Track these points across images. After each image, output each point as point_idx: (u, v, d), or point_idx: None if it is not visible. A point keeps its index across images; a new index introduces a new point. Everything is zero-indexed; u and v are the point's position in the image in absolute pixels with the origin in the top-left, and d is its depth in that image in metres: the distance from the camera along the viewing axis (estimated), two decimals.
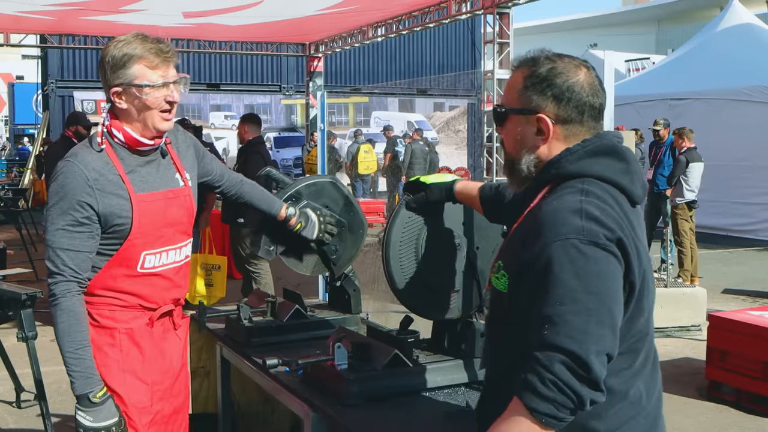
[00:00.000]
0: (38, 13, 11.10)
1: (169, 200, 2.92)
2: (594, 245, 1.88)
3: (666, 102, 17.07)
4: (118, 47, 2.76)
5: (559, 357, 1.82)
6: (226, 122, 24.08)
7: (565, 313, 1.84)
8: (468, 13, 12.18)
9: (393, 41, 24.59)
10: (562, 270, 1.87)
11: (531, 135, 2.11)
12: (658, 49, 36.19)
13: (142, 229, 2.82)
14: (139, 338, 2.91)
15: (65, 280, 2.72)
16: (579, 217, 1.91)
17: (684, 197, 11.31)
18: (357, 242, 3.79)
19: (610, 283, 1.89)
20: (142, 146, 2.85)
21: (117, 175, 2.79)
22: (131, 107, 2.79)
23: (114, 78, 2.76)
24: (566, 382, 1.81)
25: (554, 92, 2.07)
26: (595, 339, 1.83)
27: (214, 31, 14.65)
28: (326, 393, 2.84)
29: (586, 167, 2.04)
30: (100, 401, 2.71)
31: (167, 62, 2.79)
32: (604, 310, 1.85)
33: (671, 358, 7.69)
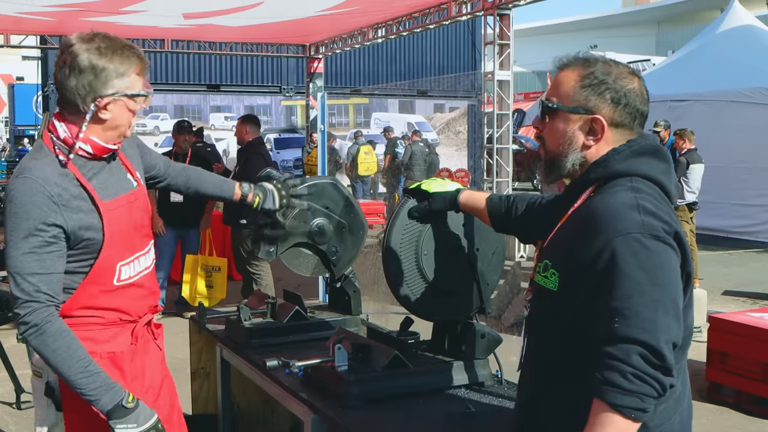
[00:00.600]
0: (38, 14, 11.11)
1: (131, 204, 2.74)
2: (655, 238, 1.94)
3: (666, 104, 17.05)
4: (105, 55, 2.55)
5: (636, 348, 1.85)
6: (227, 123, 24.06)
7: (635, 306, 1.88)
8: (468, 15, 12.19)
9: (393, 42, 24.57)
10: (627, 264, 1.91)
11: (582, 134, 2.15)
12: (658, 51, 36.23)
13: (114, 239, 2.62)
14: (121, 361, 2.72)
15: (43, 306, 2.47)
16: (637, 212, 1.97)
17: (684, 199, 11.31)
18: (357, 243, 3.78)
19: (673, 274, 1.95)
20: (108, 152, 2.67)
21: (79, 186, 2.57)
22: (116, 117, 2.60)
23: (105, 87, 2.55)
24: (647, 372, 1.84)
25: (612, 96, 2.12)
26: (664, 328, 1.87)
27: (215, 32, 14.65)
28: (326, 394, 2.84)
29: (633, 166, 2.09)
30: (134, 404, 2.55)
31: (146, 69, 2.67)
32: (669, 300, 1.90)
33: None
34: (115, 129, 2.63)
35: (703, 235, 14.52)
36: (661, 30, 43.16)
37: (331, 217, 3.68)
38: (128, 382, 2.69)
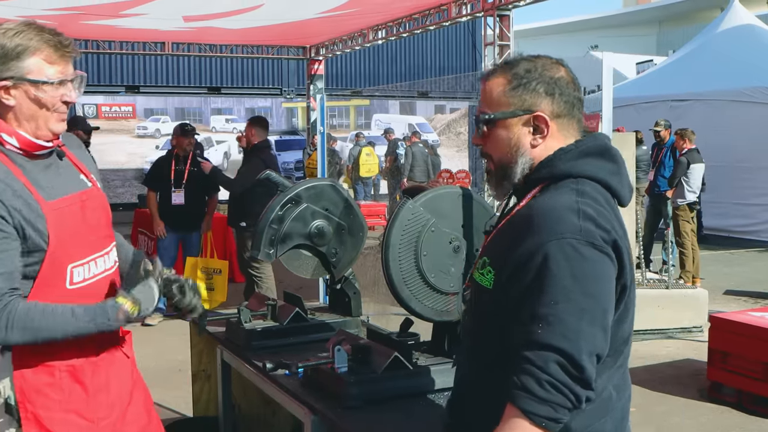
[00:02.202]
0: (38, 17, 11.09)
1: (84, 203, 2.58)
2: (591, 246, 1.88)
3: (667, 103, 17.06)
4: (8, 36, 2.39)
5: (554, 357, 1.81)
6: (227, 125, 24.08)
7: (560, 312, 1.83)
8: (468, 16, 12.19)
9: (393, 44, 24.60)
10: (558, 269, 1.86)
11: (527, 136, 2.08)
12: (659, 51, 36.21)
13: (62, 240, 2.45)
14: (81, 375, 2.56)
15: (3, 305, 2.35)
16: (576, 217, 1.90)
17: (685, 198, 11.31)
18: (357, 245, 3.79)
19: (605, 284, 1.89)
20: (40, 149, 2.49)
21: (20, 183, 2.41)
22: (22, 105, 2.43)
23: (3, 70, 2.39)
24: (563, 382, 1.80)
25: (545, 88, 2.05)
26: (587, 338, 1.83)
27: (215, 35, 14.67)
28: (326, 396, 2.84)
29: (579, 167, 2.03)
30: (137, 313, 2.48)
31: (66, 58, 2.47)
32: (597, 310, 1.86)
33: (672, 359, 7.68)
34: (29, 121, 2.46)
35: (704, 235, 14.54)
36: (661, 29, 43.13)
37: (330, 218, 3.68)
38: (90, 396, 2.58)
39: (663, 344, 8.24)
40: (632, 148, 9.64)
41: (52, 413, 2.51)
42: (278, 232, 3.58)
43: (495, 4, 11.14)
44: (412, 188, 3.17)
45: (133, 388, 2.78)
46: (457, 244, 3.03)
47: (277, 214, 3.58)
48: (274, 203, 3.61)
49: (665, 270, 10.10)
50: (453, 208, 3.05)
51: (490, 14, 11.34)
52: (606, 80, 5.58)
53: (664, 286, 8.91)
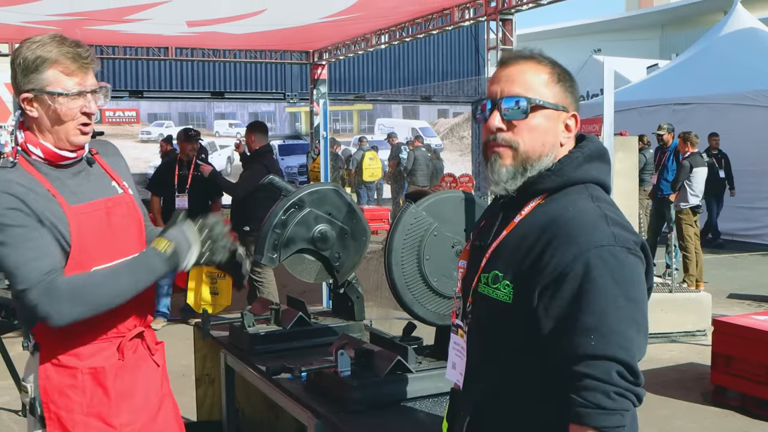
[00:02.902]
0: (43, 23, 11.14)
1: (110, 209, 2.60)
2: (627, 251, 1.88)
3: (670, 107, 17.07)
4: (31, 48, 2.45)
5: (615, 366, 1.79)
6: (231, 130, 24.10)
7: (613, 322, 1.81)
8: (471, 20, 12.20)
9: (396, 48, 24.62)
10: (602, 278, 1.83)
11: (559, 133, 2.04)
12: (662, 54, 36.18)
13: (84, 243, 2.48)
14: (103, 378, 2.57)
15: (44, 281, 2.37)
16: (606, 223, 1.90)
17: (688, 202, 11.30)
18: (360, 249, 3.80)
19: (643, 288, 1.91)
20: (63, 160, 2.54)
21: (45, 189, 2.46)
22: (43, 116, 2.48)
23: (25, 82, 2.45)
24: (628, 389, 1.80)
25: (574, 89, 2.07)
26: (639, 345, 1.84)
27: (218, 40, 14.69)
28: (330, 400, 2.85)
29: (587, 173, 2.02)
30: (171, 248, 2.52)
31: (85, 69, 2.50)
32: (642, 317, 1.86)
33: (676, 363, 7.68)
34: (51, 132, 2.51)
35: (707, 238, 14.52)
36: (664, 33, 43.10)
37: (333, 223, 3.69)
38: (112, 400, 2.58)
39: (666, 348, 8.23)
40: (635, 152, 9.63)
41: (73, 415, 2.54)
42: (281, 237, 3.59)
43: (498, 8, 11.15)
44: (414, 192, 3.18)
45: (163, 397, 2.78)
46: (460, 248, 3.04)
47: (281, 219, 3.59)
48: (277, 208, 3.61)
49: (669, 274, 10.09)
50: (456, 213, 3.06)
51: (492, 18, 11.36)
52: (607, 84, 5.58)
53: (668, 289, 8.91)
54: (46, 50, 2.45)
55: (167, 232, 2.60)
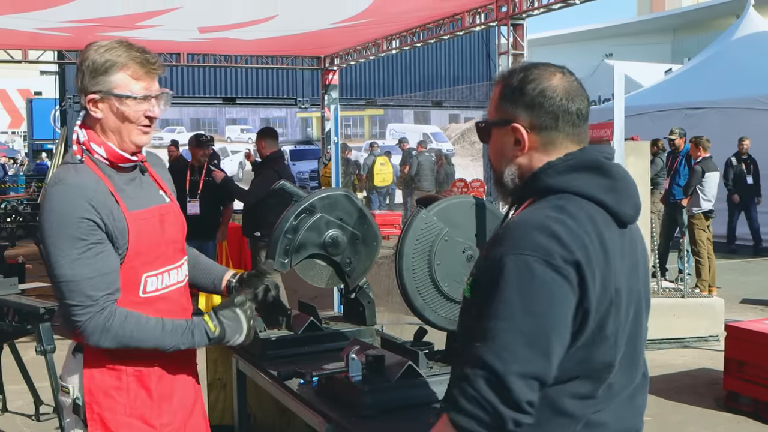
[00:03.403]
0: (56, 29, 11.21)
1: (163, 216, 2.70)
2: (546, 264, 1.83)
3: (682, 111, 17.03)
4: (99, 52, 2.54)
5: (482, 373, 1.80)
6: (242, 136, 24.16)
7: (499, 330, 1.82)
8: (482, 25, 12.20)
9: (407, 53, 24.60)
10: (507, 285, 1.84)
11: (510, 146, 2.06)
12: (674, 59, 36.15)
13: (140, 249, 2.57)
14: (147, 380, 2.63)
15: (99, 309, 2.45)
16: (541, 233, 1.86)
17: (700, 207, 11.27)
18: (371, 254, 3.80)
19: (554, 307, 1.84)
20: (125, 161, 2.62)
21: (109, 193, 2.54)
22: (108, 117, 2.57)
23: (93, 84, 2.54)
24: (487, 400, 1.79)
25: (525, 100, 2.02)
26: (521, 360, 1.80)
27: (230, 46, 14.72)
28: (341, 405, 2.86)
29: (567, 182, 1.98)
30: (220, 329, 2.60)
31: (152, 74, 2.59)
32: (538, 334, 1.82)
33: (689, 368, 7.65)
34: (114, 133, 2.59)
35: (720, 243, 14.46)
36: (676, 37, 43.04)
37: (344, 228, 3.70)
38: (154, 402, 2.64)
39: (679, 353, 8.21)
40: (647, 156, 9.60)
41: (117, 416, 2.58)
42: (293, 242, 3.60)
43: (509, 13, 11.15)
44: (425, 198, 3.18)
45: (195, 398, 2.84)
46: (471, 253, 3.05)
47: (292, 224, 3.60)
48: (288, 213, 3.63)
49: (681, 279, 10.05)
50: (466, 218, 3.06)
51: (503, 23, 11.36)
52: (618, 89, 5.58)
53: (680, 295, 8.88)
54: (115, 54, 2.53)
55: (223, 312, 2.66)
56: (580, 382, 1.93)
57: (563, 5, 10.50)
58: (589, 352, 1.92)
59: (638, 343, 2.07)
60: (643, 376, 2.15)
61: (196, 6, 10.54)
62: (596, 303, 1.88)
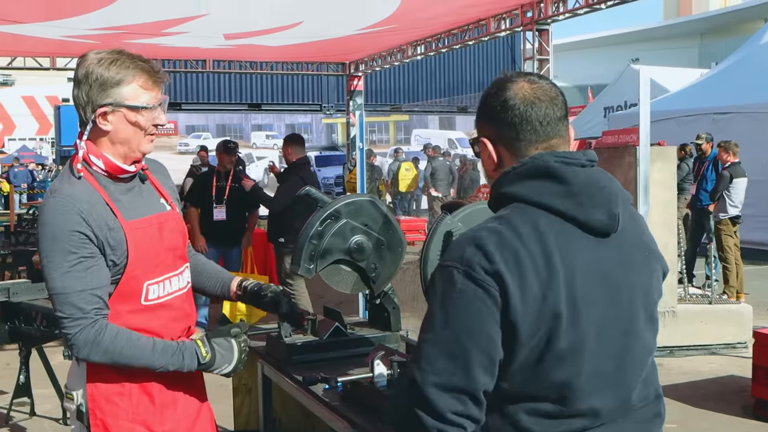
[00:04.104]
0: (83, 37, 11.32)
1: (162, 224, 2.70)
2: (466, 276, 1.81)
3: (709, 116, 16.89)
4: (104, 65, 2.55)
5: (407, 386, 1.82)
6: (268, 141, 24.27)
7: (423, 342, 1.83)
8: (507, 30, 12.20)
9: (432, 59, 24.65)
10: (432, 297, 1.86)
11: (486, 161, 2.06)
12: (701, 63, 35.88)
13: (140, 258, 2.59)
14: (149, 387, 2.64)
15: (91, 322, 2.48)
16: (469, 245, 1.84)
17: (728, 212, 11.18)
18: (396, 260, 3.81)
19: (472, 319, 1.80)
20: (123, 173, 2.63)
21: (105, 204, 2.55)
22: (118, 129, 2.58)
23: (103, 96, 2.54)
24: (410, 409, 1.80)
25: (488, 114, 2.01)
26: (440, 372, 1.78)
27: (255, 52, 14.81)
28: (366, 410, 2.85)
29: (516, 191, 1.93)
30: (211, 356, 2.62)
31: (159, 84, 2.63)
32: (456, 346, 1.80)
33: (716, 375, 7.59)
34: (123, 144, 2.60)
35: (748, 249, 14.32)
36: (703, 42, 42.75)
37: (369, 234, 3.70)
38: (157, 408, 2.66)
39: (706, 360, 8.14)
40: (674, 161, 9.55)
41: (119, 422, 2.60)
42: (318, 248, 3.61)
43: (534, 18, 11.14)
44: (450, 203, 3.18)
45: (200, 406, 2.84)
46: None
47: (317, 230, 3.61)
48: (313, 219, 3.64)
49: (708, 285, 9.98)
50: None
51: (529, 29, 11.35)
52: (643, 94, 5.55)
53: (708, 301, 8.81)
54: (123, 66, 2.56)
55: (217, 340, 2.69)
56: (538, 400, 1.87)
57: (589, 10, 10.48)
58: (538, 369, 1.84)
59: (628, 362, 1.95)
60: (655, 399, 2.05)
61: (222, 13, 10.61)
62: (531, 316, 1.80)
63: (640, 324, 1.96)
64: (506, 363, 1.82)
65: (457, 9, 11.35)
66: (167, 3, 9.95)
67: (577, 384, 1.86)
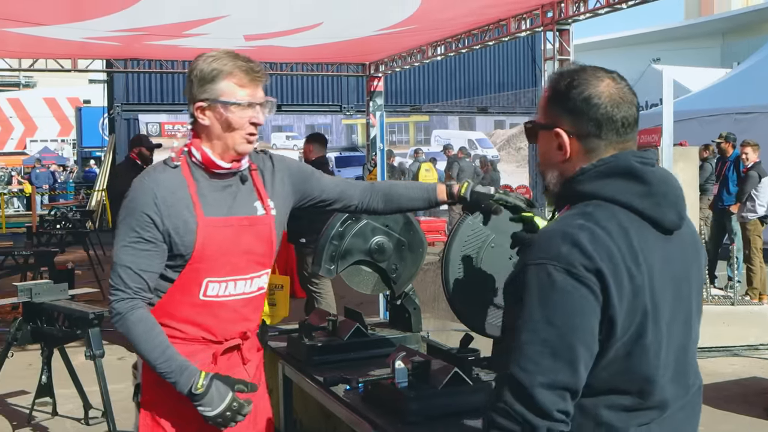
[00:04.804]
0: (104, 39, 11.37)
1: (244, 228, 2.74)
2: (567, 273, 1.82)
3: (731, 116, 16.78)
4: (207, 62, 2.65)
5: (510, 387, 1.81)
6: (288, 143, 24.31)
7: (524, 342, 1.82)
8: (528, 31, 12.14)
9: (452, 60, 24.60)
10: (529, 296, 1.84)
11: (553, 151, 2.04)
12: (723, 63, 35.63)
13: (206, 254, 2.65)
14: None
15: (128, 297, 2.61)
16: (563, 242, 1.85)
17: (756, 213, 11.06)
18: (417, 261, 3.80)
19: (576, 316, 1.82)
20: (219, 169, 2.71)
21: (188, 195, 2.65)
22: (214, 124, 2.67)
23: (200, 92, 2.65)
24: (517, 412, 1.79)
25: (569, 105, 1.99)
26: (546, 371, 1.79)
27: (275, 53, 14.81)
28: (387, 411, 2.85)
29: (598, 189, 1.95)
30: (204, 389, 2.59)
31: (256, 82, 2.68)
32: (562, 344, 1.80)
33: (738, 377, 7.53)
34: (219, 140, 2.69)
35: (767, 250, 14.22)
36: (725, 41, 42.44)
37: (390, 234, 3.70)
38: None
39: (728, 362, 8.08)
40: (696, 162, 9.50)
41: (166, 399, 2.70)
42: (339, 249, 3.62)
43: (554, 18, 11.09)
44: None
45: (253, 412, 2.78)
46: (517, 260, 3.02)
47: (338, 231, 3.61)
48: (334, 220, 3.64)
49: (731, 286, 9.91)
50: (513, 224, 3.04)
51: (549, 29, 11.30)
52: (666, 94, 5.52)
53: (730, 302, 8.76)
54: (222, 63, 2.64)
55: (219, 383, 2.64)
56: (619, 394, 1.90)
57: (610, 10, 10.41)
58: (626, 363, 1.88)
59: (688, 353, 2.03)
60: (698, 389, 2.10)
61: (243, 14, 10.63)
62: (625, 312, 1.84)
63: (694, 316, 2.04)
64: (597, 358, 1.86)
65: (477, 9, 11.31)
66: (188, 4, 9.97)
67: (657, 377, 1.91)
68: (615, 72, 2.05)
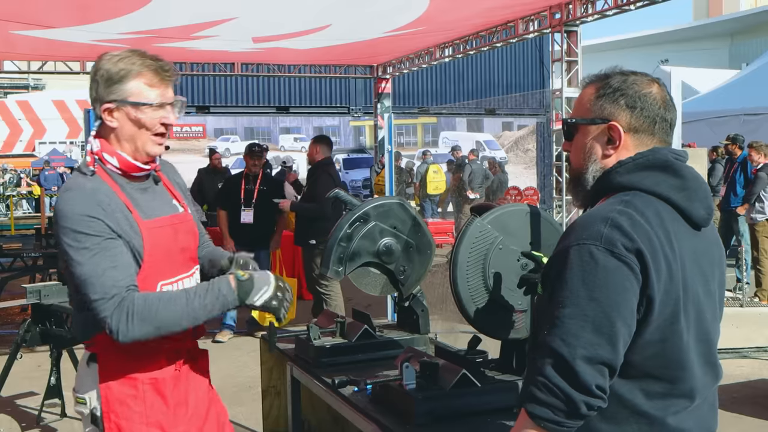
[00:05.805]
0: (113, 41, 11.39)
1: (176, 225, 2.69)
2: (609, 253, 1.87)
3: (740, 117, 16.75)
4: (113, 61, 2.54)
5: (550, 360, 1.85)
6: (296, 144, 24.36)
7: (564, 317, 1.86)
8: (535, 32, 12.15)
9: (460, 61, 24.62)
10: (571, 273, 1.88)
11: (601, 144, 2.09)
12: (731, 64, 35.54)
13: (155, 257, 2.56)
14: (163, 387, 2.63)
15: (121, 297, 2.41)
16: (604, 225, 1.90)
17: (765, 214, 11.01)
18: (425, 262, 3.80)
19: (617, 293, 1.86)
20: (138, 171, 2.61)
21: (120, 200, 2.53)
22: (123, 126, 2.56)
23: (107, 93, 2.53)
24: (557, 385, 1.83)
25: (627, 101, 2.06)
26: (587, 345, 1.83)
27: (283, 55, 14.85)
28: (395, 412, 2.85)
29: (636, 180, 2.02)
30: (248, 276, 2.53)
31: (166, 82, 2.58)
32: (603, 319, 1.85)
33: (747, 379, 7.51)
34: (129, 141, 2.58)
35: None
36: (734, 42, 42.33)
37: (398, 236, 3.70)
38: (170, 409, 2.64)
39: (737, 363, 8.06)
40: (704, 163, 9.48)
41: (133, 424, 2.58)
42: (347, 250, 3.62)
43: (562, 20, 11.09)
44: (479, 206, 3.18)
45: (210, 404, 2.83)
46: (525, 261, 3.03)
47: (346, 232, 3.61)
48: (342, 221, 3.64)
49: (740, 288, 9.88)
50: (521, 226, 3.05)
51: (557, 30, 11.30)
52: (674, 95, 5.50)
53: (739, 304, 8.74)
54: (129, 62, 2.54)
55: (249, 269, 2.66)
56: (653, 379, 1.95)
57: (618, 11, 10.41)
58: (661, 347, 1.93)
59: (712, 348, 2.08)
60: (717, 386, 2.16)
61: (251, 17, 10.65)
62: (662, 294, 1.90)
63: (718, 312, 2.09)
64: (633, 339, 1.90)
65: (485, 11, 11.32)
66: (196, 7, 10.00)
67: (689, 364, 1.97)
68: (658, 78, 2.15)
